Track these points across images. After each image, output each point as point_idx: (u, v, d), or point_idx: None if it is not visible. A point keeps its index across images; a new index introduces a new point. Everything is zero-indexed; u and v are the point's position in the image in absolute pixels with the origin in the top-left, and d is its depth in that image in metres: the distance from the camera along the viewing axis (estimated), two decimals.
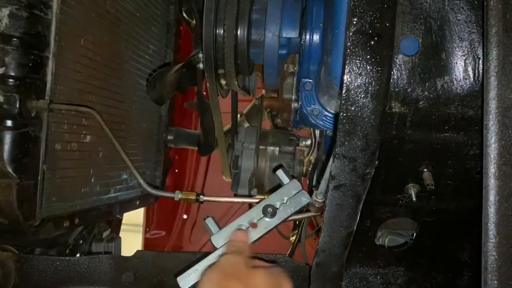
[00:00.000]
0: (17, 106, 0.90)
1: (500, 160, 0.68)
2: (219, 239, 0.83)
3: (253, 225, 0.85)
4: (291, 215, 0.86)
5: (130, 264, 1.08)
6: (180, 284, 0.80)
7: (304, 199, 0.87)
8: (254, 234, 0.83)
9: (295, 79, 1.19)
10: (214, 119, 1.22)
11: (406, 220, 1.11)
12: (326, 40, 1.02)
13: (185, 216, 2.52)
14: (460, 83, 0.85)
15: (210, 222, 0.86)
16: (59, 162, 1.05)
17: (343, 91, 0.72)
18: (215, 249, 0.82)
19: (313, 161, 1.40)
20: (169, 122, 1.67)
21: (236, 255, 0.74)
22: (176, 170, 2.37)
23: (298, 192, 0.87)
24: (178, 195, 1.06)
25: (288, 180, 0.89)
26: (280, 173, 0.90)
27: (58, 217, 1.07)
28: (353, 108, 0.73)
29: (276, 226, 0.86)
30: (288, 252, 1.37)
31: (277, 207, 0.85)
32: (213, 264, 0.74)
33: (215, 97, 1.16)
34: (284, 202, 0.86)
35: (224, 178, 1.49)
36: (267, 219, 0.84)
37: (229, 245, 0.80)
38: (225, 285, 0.68)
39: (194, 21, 1.19)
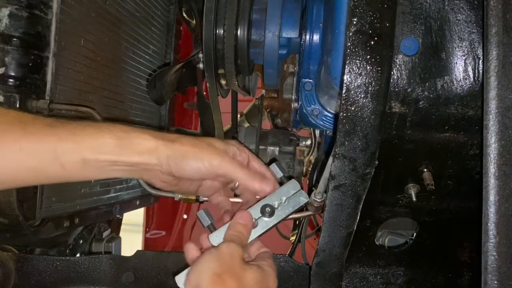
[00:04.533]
0: (17, 106, 0.90)
1: (500, 160, 0.68)
2: (218, 238, 0.83)
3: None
4: (289, 215, 0.86)
5: (130, 264, 1.08)
6: (179, 284, 0.79)
7: (303, 198, 0.87)
8: (253, 234, 0.83)
9: (295, 79, 1.19)
10: (214, 119, 1.22)
11: (406, 220, 1.11)
12: (326, 40, 1.02)
13: (185, 216, 2.52)
14: (460, 83, 0.85)
15: (201, 215, 0.86)
16: None
17: (343, 91, 0.72)
18: (212, 247, 0.82)
19: (313, 161, 1.39)
20: (169, 122, 1.67)
21: (236, 245, 0.73)
22: None
23: (296, 192, 0.87)
24: (178, 195, 1.06)
25: (281, 175, 0.89)
26: (273, 167, 0.90)
27: (58, 217, 1.07)
28: (353, 108, 0.73)
29: (274, 226, 0.86)
30: (288, 252, 1.37)
31: (276, 206, 0.85)
32: (211, 250, 0.73)
33: (215, 97, 1.16)
34: (283, 201, 0.86)
35: None
36: (265, 218, 0.84)
37: (230, 229, 0.78)
38: (220, 279, 0.67)
39: (194, 21, 1.19)
